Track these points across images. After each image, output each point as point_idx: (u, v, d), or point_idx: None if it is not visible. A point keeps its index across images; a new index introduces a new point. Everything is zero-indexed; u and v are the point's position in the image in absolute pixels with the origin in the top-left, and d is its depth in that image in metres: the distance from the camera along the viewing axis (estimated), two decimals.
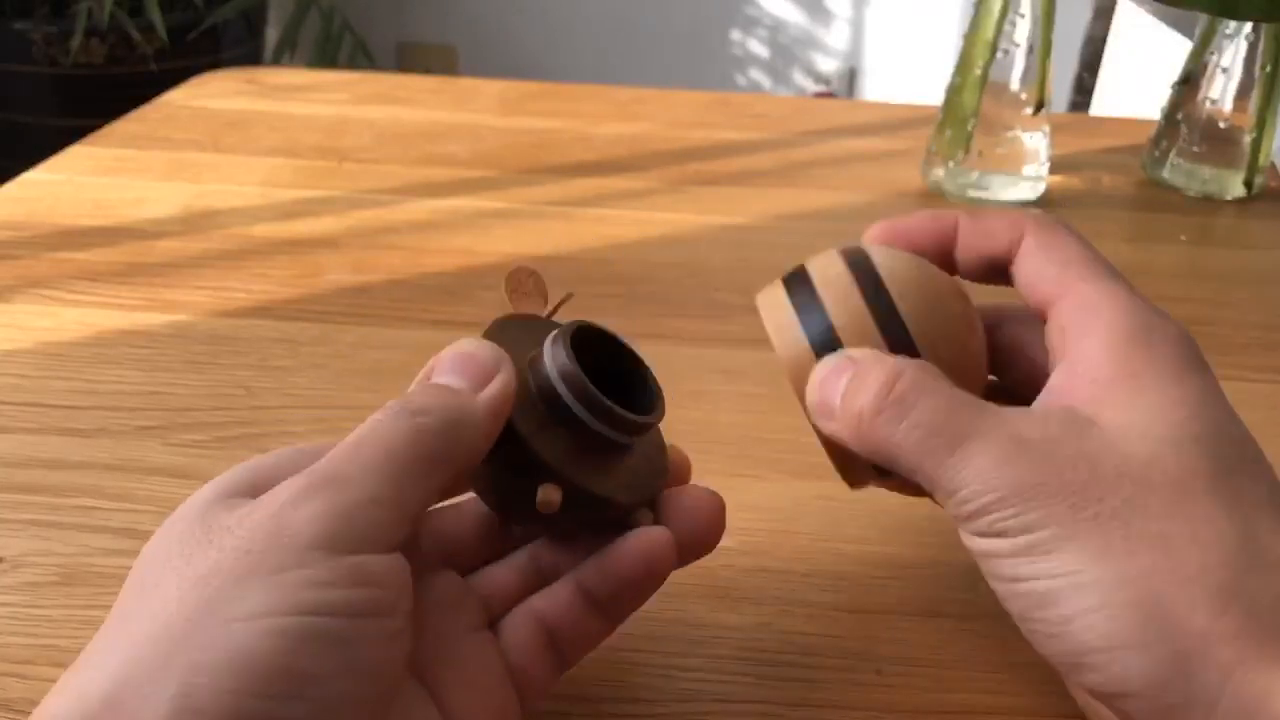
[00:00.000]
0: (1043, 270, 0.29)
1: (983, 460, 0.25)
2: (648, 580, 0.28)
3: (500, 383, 0.26)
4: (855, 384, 0.27)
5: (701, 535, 0.29)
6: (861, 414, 0.27)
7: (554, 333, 0.28)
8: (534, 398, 0.28)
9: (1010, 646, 0.33)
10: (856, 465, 0.30)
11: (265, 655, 0.21)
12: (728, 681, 0.32)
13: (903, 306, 0.29)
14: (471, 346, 0.27)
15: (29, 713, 0.29)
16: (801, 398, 0.29)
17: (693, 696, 0.31)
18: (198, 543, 0.24)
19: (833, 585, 0.36)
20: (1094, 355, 0.27)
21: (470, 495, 0.30)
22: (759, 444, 0.42)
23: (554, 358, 0.28)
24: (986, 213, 0.31)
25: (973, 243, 0.31)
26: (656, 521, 0.28)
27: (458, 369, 0.27)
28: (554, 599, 0.28)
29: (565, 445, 0.28)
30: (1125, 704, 0.24)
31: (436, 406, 0.26)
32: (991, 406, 0.26)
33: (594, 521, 0.28)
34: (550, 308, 0.32)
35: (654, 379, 0.30)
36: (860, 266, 0.30)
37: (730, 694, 0.31)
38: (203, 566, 0.23)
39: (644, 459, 0.30)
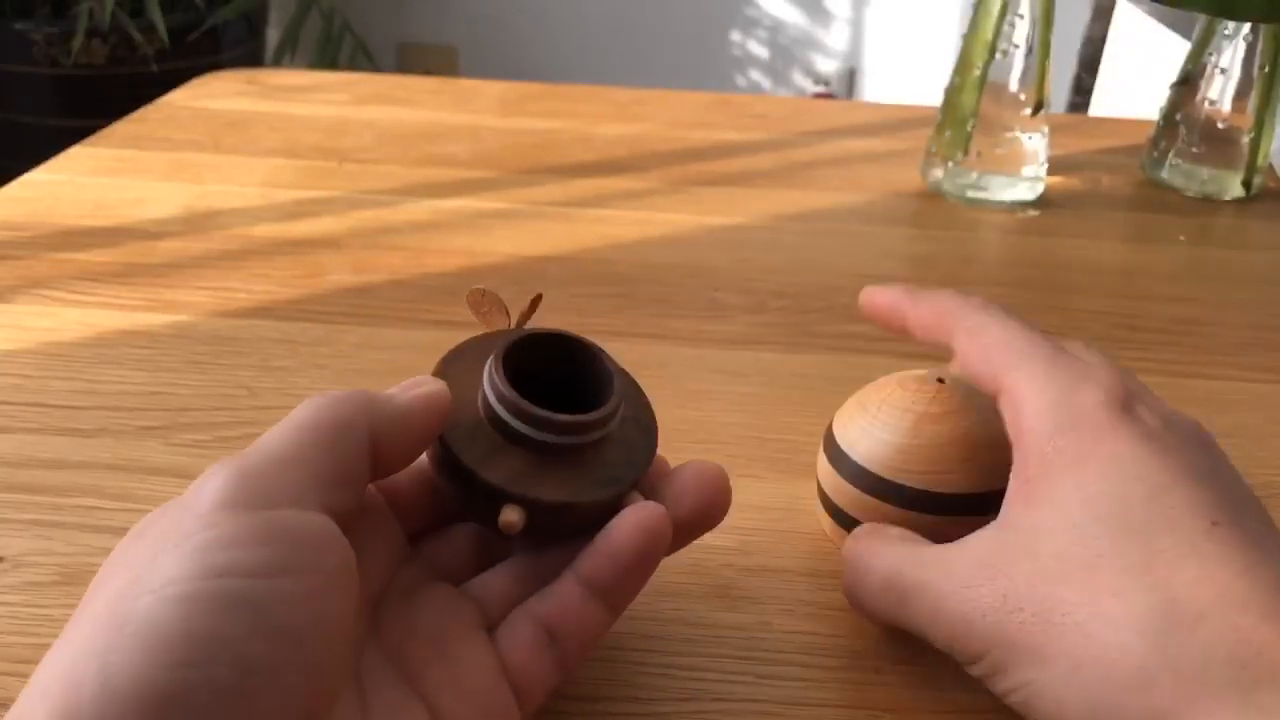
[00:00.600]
0: (976, 369, 0.32)
1: (921, 610, 0.28)
2: (646, 557, 0.28)
3: (426, 386, 0.28)
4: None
5: (706, 507, 0.29)
6: (846, 586, 0.32)
7: (491, 355, 0.29)
8: (481, 420, 0.29)
9: None
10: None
11: (172, 622, 0.21)
12: (728, 681, 0.32)
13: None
14: (411, 379, 0.29)
15: None
16: None
17: (693, 696, 0.31)
18: (133, 538, 0.25)
19: (833, 585, 0.36)
20: (1022, 455, 0.29)
21: (458, 523, 0.31)
22: (759, 444, 0.42)
23: (489, 381, 0.29)
24: (921, 304, 0.34)
25: (921, 336, 0.34)
26: (649, 499, 0.29)
27: (392, 389, 0.28)
28: (553, 594, 0.28)
29: (523, 463, 0.28)
30: None
31: (353, 390, 0.27)
32: (929, 553, 0.29)
33: (579, 525, 0.28)
34: (515, 321, 0.32)
35: (613, 368, 0.30)
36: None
37: (730, 693, 0.31)
38: (131, 555, 0.23)
39: (623, 446, 0.30)
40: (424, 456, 0.29)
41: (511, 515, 0.27)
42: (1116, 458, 0.27)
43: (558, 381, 0.29)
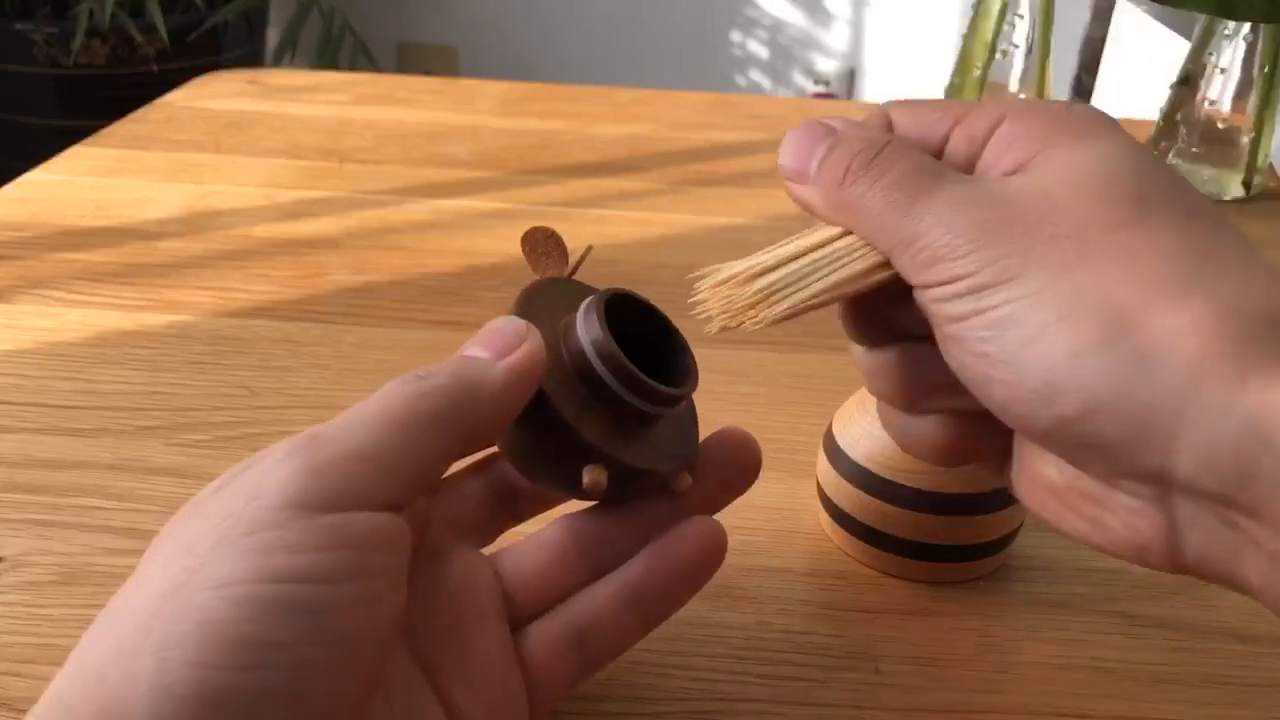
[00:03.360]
0: (923, 119, 0.28)
1: (942, 205, 0.24)
2: (703, 571, 0.28)
3: (524, 351, 0.26)
4: (836, 152, 0.27)
5: (738, 477, 0.30)
6: (836, 178, 0.27)
7: (586, 302, 0.28)
8: (567, 371, 0.27)
9: (1010, 646, 0.33)
10: (864, 315, 0.30)
11: (228, 624, 0.20)
12: (727, 681, 0.32)
13: None
14: (500, 322, 0.27)
15: (30, 711, 0.30)
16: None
17: (693, 696, 0.31)
18: (189, 516, 0.23)
19: (833, 585, 0.36)
20: (1017, 126, 0.26)
21: (469, 469, 0.30)
22: (759, 444, 0.42)
23: (588, 331, 0.27)
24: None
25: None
26: (694, 480, 0.29)
27: (481, 341, 0.26)
28: (591, 598, 0.28)
29: (603, 421, 0.27)
30: (1094, 424, 0.22)
31: (446, 370, 0.25)
32: (957, 172, 0.26)
33: (636, 493, 0.28)
34: (571, 266, 0.31)
35: (686, 344, 0.30)
36: None
37: (730, 693, 0.31)
38: (188, 535, 0.22)
39: (675, 422, 0.29)
40: None
41: (600, 476, 0.26)
42: (1130, 144, 0.25)
43: (622, 346, 0.28)
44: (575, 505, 0.29)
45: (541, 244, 0.31)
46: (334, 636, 0.21)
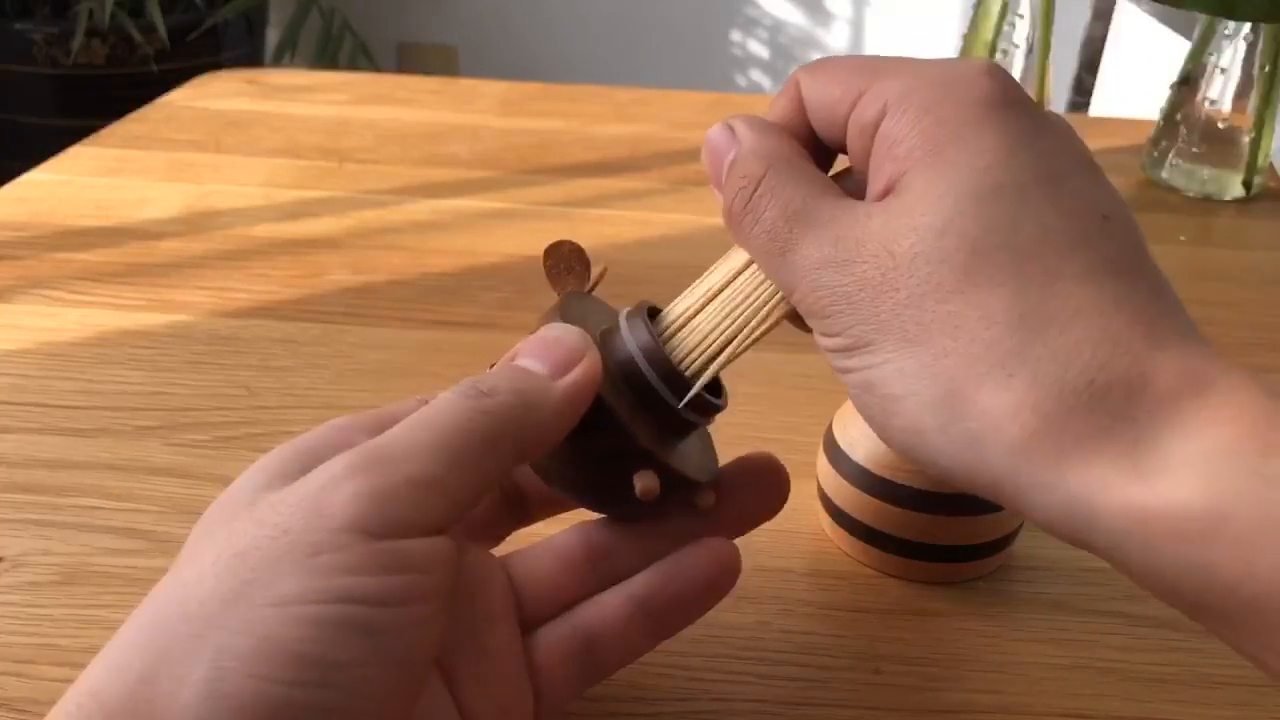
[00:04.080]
0: (825, 93, 0.27)
1: (806, 264, 0.25)
2: (715, 591, 0.28)
3: (583, 369, 0.25)
4: (729, 178, 0.27)
5: (768, 503, 0.30)
6: (729, 209, 0.27)
7: (627, 312, 0.28)
8: (614, 379, 0.27)
9: (1010, 647, 0.33)
10: None
11: (293, 642, 0.21)
12: (727, 681, 0.32)
13: None
14: (558, 331, 0.26)
15: (29, 712, 0.30)
16: None
17: (692, 696, 0.31)
18: (241, 517, 0.23)
19: (833, 585, 0.36)
20: (891, 132, 0.24)
21: None
22: (759, 444, 0.42)
23: (635, 337, 0.27)
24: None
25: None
26: (717, 497, 0.29)
27: (540, 353, 0.26)
28: (601, 607, 0.28)
29: (652, 428, 0.27)
30: (956, 485, 0.23)
31: (506, 387, 0.25)
32: (828, 202, 0.25)
33: (662, 502, 0.28)
34: (590, 284, 0.31)
35: None
36: None
37: (730, 693, 0.31)
38: (241, 542, 0.22)
39: (699, 438, 0.30)
40: None
41: (653, 482, 0.26)
42: (1021, 130, 0.24)
43: None
44: (585, 512, 0.29)
45: (566, 259, 0.30)
46: (394, 658, 0.22)
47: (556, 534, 0.29)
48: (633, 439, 0.26)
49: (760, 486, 0.30)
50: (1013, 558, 0.37)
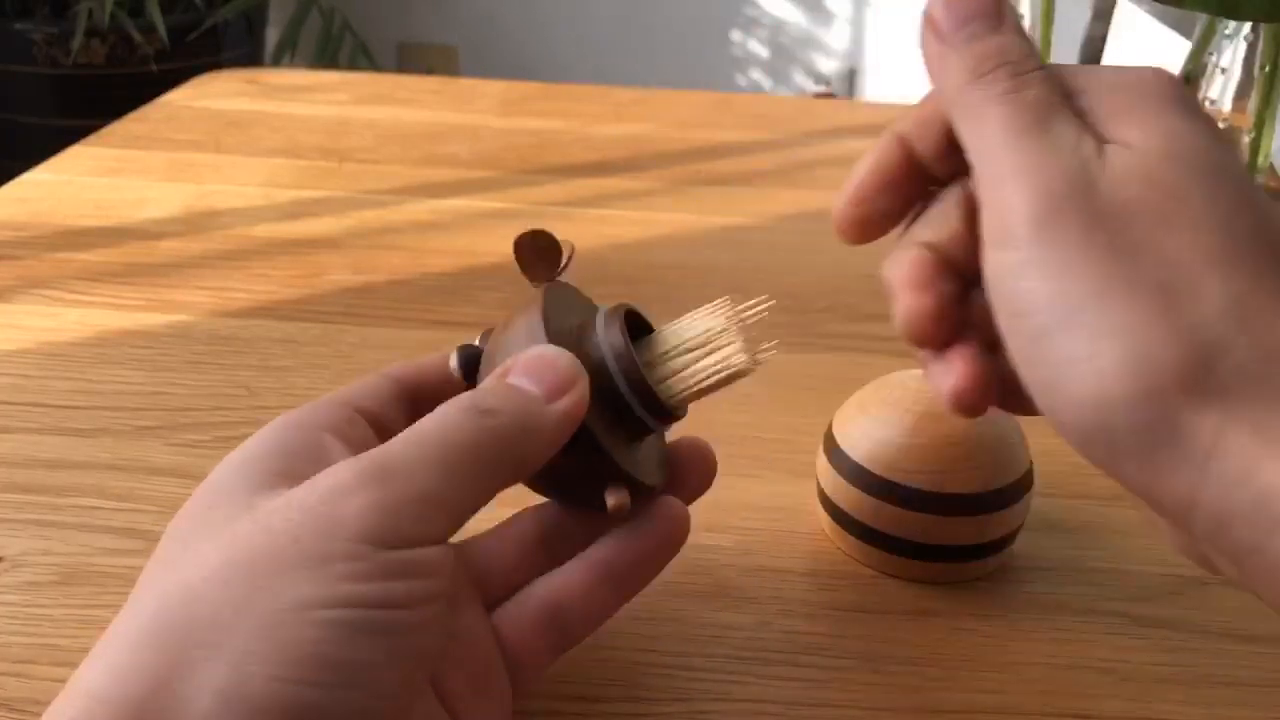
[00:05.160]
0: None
1: (1060, 144, 0.23)
2: (669, 550, 0.29)
3: (575, 395, 0.26)
4: (994, 40, 0.25)
5: (698, 482, 0.31)
6: (977, 68, 0.25)
7: (606, 314, 0.29)
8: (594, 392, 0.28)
9: (1010, 646, 0.33)
10: (875, 214, 0.29)
11: (312, 644, 0.22)
12: (727, 681, 0.32)
13: None
14: (552, 354, 0.27)
15: (29, 712, 0.30)
16: None
17: (692, 696, 0.31)
18: (240, 520, 0.24)
19: (833, 585, 0.36)
20: (1100, 91, 0.24)
21: None
22: (758, 444, 0.42)
23: (609, 340, 0.28)
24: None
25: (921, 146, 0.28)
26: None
27: (534, 373, 0.27)
28: (564, 575, 0.28)
29: (624, 442, 0.28)
30: (1118, 468, 0.22)
31: (508, 410, 0.26)
32: (1079, 121, 0.24)
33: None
34: (561, 266, 0.32)
35: None
36: None
37: (730, 693, 0.31)
38: (251, 550, 0.23)
39: (654, 438, 0.30)
40: None
41: (624, 499, 0.27)
42: (1195, 113, 0.24)
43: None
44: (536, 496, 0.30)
45: (529, 248, 0.31)
46: (410, 656, 0.23)
47: (509, 518, 0.31)
48: (612, 462, 0.27)
49: (687, 467, 0.31)
50: (1013, 558, 0.37)
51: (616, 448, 0.28)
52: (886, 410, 0.35)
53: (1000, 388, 0.26)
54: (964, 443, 0.34)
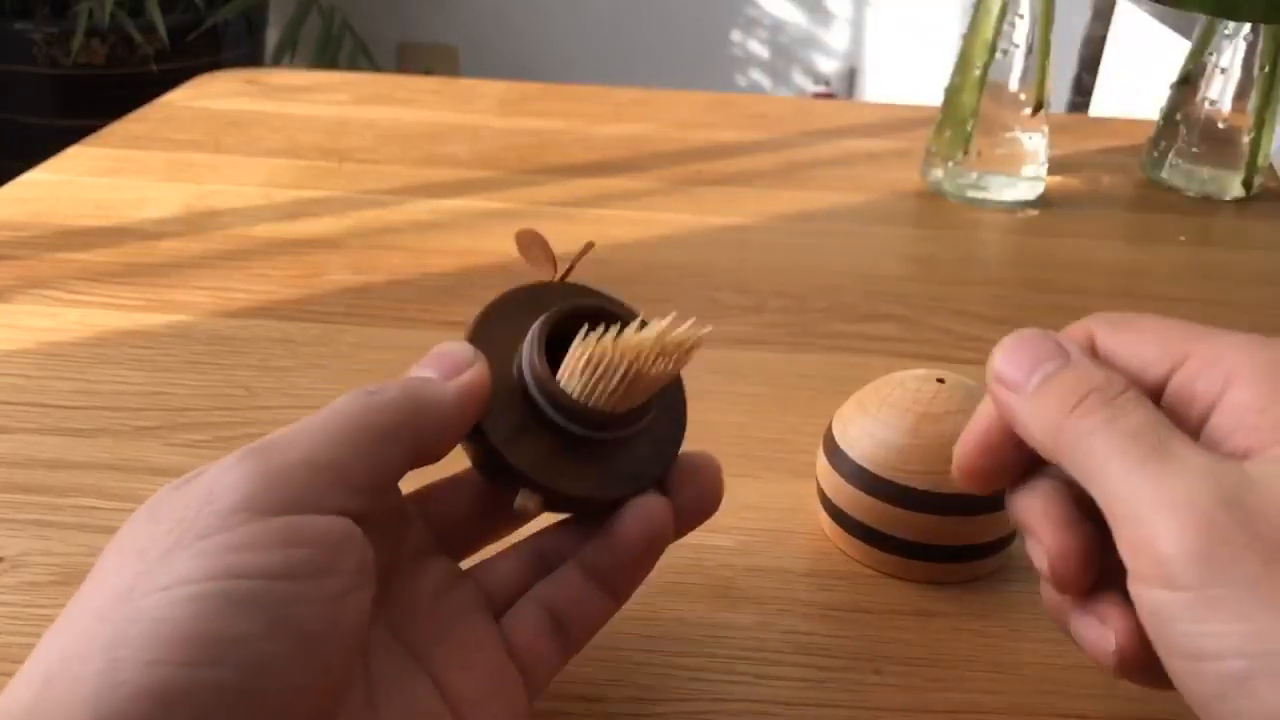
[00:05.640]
0: (1137, 347, 0.26)
1: (1174, 481, 0.22)
2: (649, 551, 0.28)
3: (471, 374, 0.27)
4: (1068, 376, 0.25)
5: (702, 500, 0.29)
6: (1065, 405, 0.25)
7: (534, 325, 0.28)
8: (518, 393, 0.28)
9: (1010, 646, 0.33)
10: (990, 466, 0.28)
11: (184, 622, 0.21)
12: (727, 681, 0.32)
13: None
14: (447, 346, 0.28)
15: None
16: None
17: (692, 696, 0.31)
18: (143, 521, 0.24)
19: (832, 585, 0.36)
20: (1249, 402, 0.24)
21: (464, 469, 0.30)
22: (758, 444, 0.42)
23: (527, 361, 0.28)
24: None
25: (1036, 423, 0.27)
26: (666, 494, 0.29)
27: (430, 364, 0.27)
28: (558, 582, 0.28)
29: (550, 445, 0.27)
30: None
31: (394, 386, 0.26)
32: (1192, 442, 0.24)
33: (597, 514, 0.28)
34: (561, 272, 0.31)
35: None
36: None
37: (729, 693, 0.31)
38: (141, 541, 0.23)
39: (650, 439, 0.29)
40: None
41: (527, 503, 0.27)
42: None
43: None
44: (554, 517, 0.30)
45: (530, 246, 0.31)
46: (291, 632, 0.22)
47: (511, 546, 0.30)
48: (502, 458, 0.27)
49: (694, 486, 0.29)
50: (1013, 558, 0.37)
51: (524, 452, 0.27)
52: (886, 410, 0.35)
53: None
54: None
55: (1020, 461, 0.27)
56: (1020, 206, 0.66)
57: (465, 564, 0.30)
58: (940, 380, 0.36)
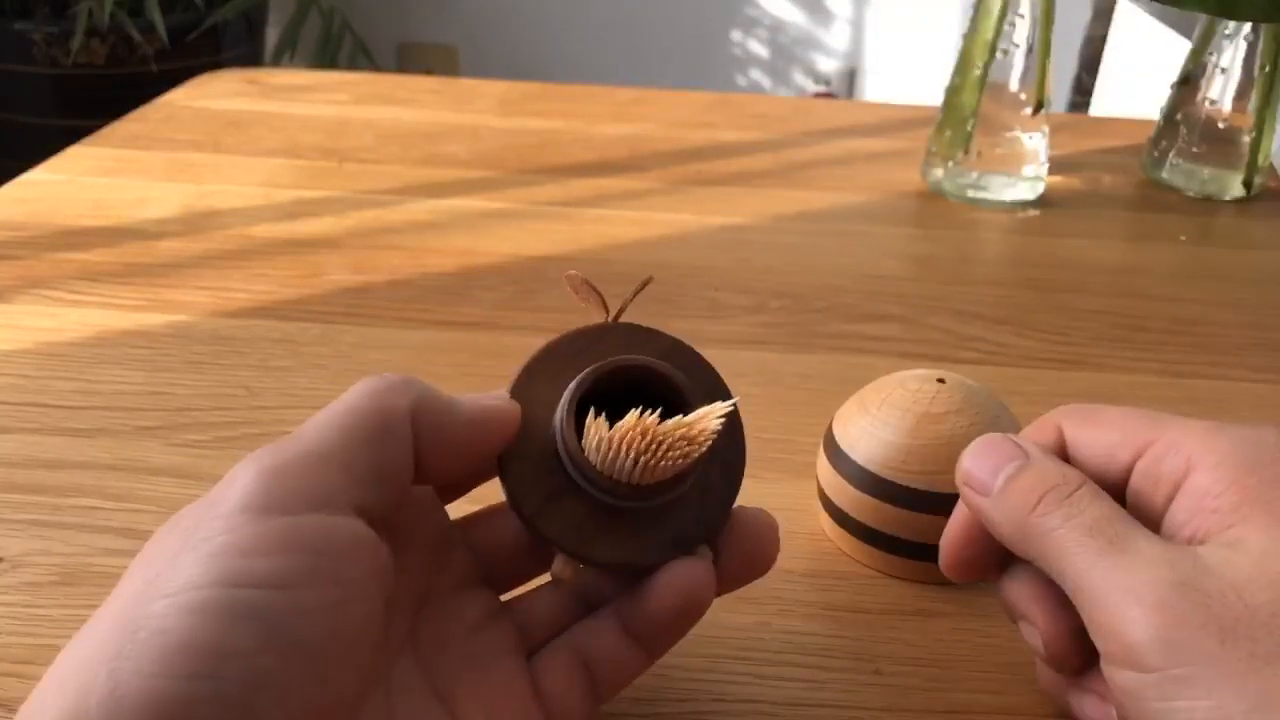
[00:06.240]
0: (1104, 438, 0.28)
1: (1132, 570, 0.24)
2: (685, 616, 0.27)
3: (494, 398, 0.27)
4: (1028, 475, 0.27)
5: (753, 563, 0.28)
6: (1028, 503, 0.27)
7: (570, 387, 0.27)
8: (555, 457, 0.27)
9: (1010, 646, 0.33)
10: (975, 557, 0.30)
11: (182, 632, 0.20)
12: (727, 681, 0.32)
13: None
14: (495, 394, 0.27)
15: None
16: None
17: (692, 696, 0.31)
18: (164, 530, 0.23)
19: (833, 585, 0.36)
20: (1207, 487, 0.25)
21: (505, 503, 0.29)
22: (759, 444, 0.42)
23: (559, 427, 0.26)
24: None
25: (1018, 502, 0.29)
26: (715, 553, 0.28)
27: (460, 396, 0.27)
28: (594, 632, 0.28)
29: (587, 511, 0.26)
30: None
31: (415, 379, 0.26)
32: (1148, 531, 0.25)
33: (638, 577, 0.27)
34: (614, 313, 0.29)
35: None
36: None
37: (729, 693, 0.31)
38: (158, 547, 0.22)
39: (698, 496, 0.27)
40: None
41: (564, 571, 0.26)
42: None
43: (645, 401, 0.26)
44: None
45: (580, 289, 0.29)
46: (288, 644, 0.21)
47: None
48: (534, 529, 0.26)
49: (748, 544, 0.28)
50: None
51: (557, 518, 0.26)
52: (886, 410, 0.35)
53: None
54: (964, 443, 0.34)
55: (1003, 550, 0.28)
56: (1020, 206, 0.66)
57: (507, 596, 0.29)
58: (940, 380, 0.36)
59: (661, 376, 0.27)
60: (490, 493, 0.29)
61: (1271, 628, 0.22)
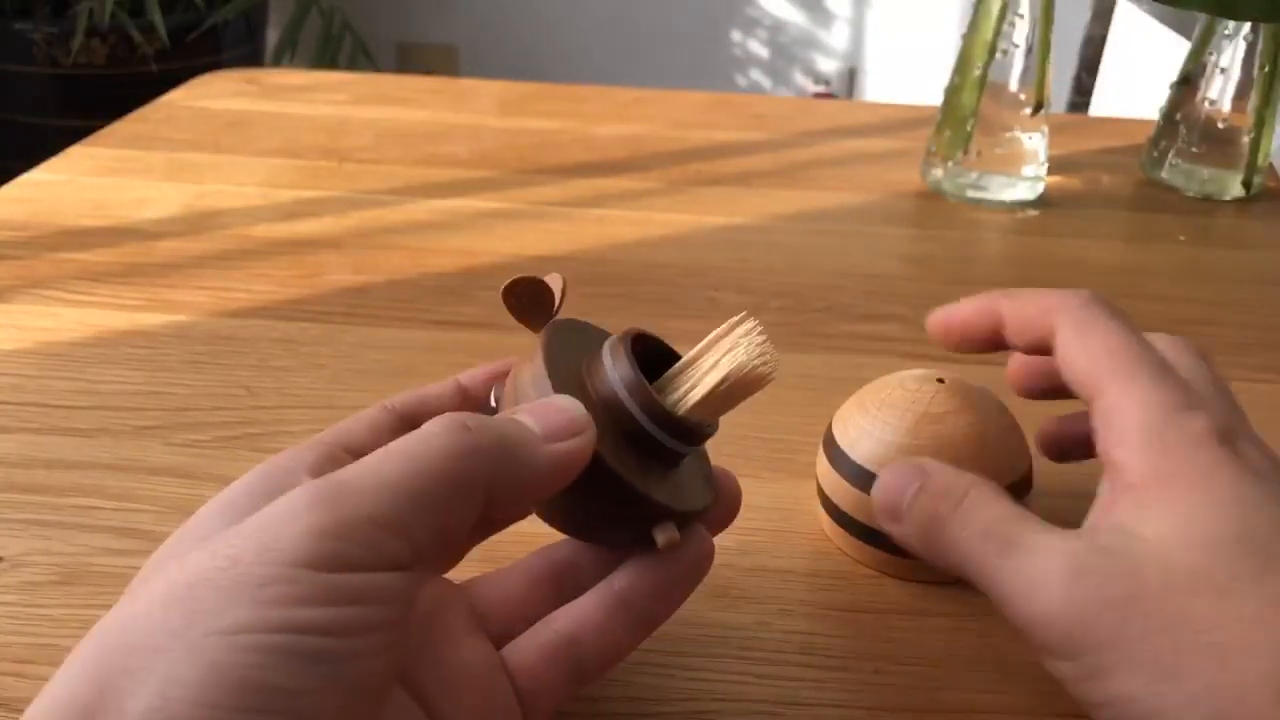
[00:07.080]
0: (1076, 365, 0.29)
1: (1031, 564, 0.26)
2: (690, 580, 0.28)
3: (577, 442, 0.25)
4: (923, 496, 0.28)
5: (732, 511, 0.30)
6: (928, 524, 0.28)
7: (610, 342, 0.27)
8: (595, 409, 0.27)
9: (1009, 646, 0.33)
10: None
11: (241, 670, 0.21)
12: (727, 681, 0.32)
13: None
14: (562, 402, 0.26)
15: None
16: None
17: (692, 695, 0.31)
18: (194, 550, 0.23)
19: (832, 585, 0.36)
20: (1123, 463, 0.27)
21: None
22: (759, 444, 0.42)
23: (617, 369, 0.27)
24: (1022, 298, 0.31)
25: (1018, 336, 0.31)
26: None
27: (539, 415, 0.26)
28: (581, 607, 0.28)
29: (651, 468, 0.27)
30: None
31: (494, 427, 0.25)
32: (1043, 523, 0.27)
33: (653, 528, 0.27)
34: (557, 304, 0.30)
35: None
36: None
37: (729, 693, 0.31)
38: (191, 574, 0.22)
39: (693, 456, 0.29)
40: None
41: (674, 534, 0.26)
42: (1244, 480, 0.26)
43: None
44: (552, 535, 0.29)
45: (523, 297, 0.30)
46: (346, 686, 0.22)
47: (521, 558, 0.30)
48: (652, 503, 0.26)
49: (728, 495, 0.30)
50: None
51: (652, 483, 0.26)
52: (886, 410, 0.35)
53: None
54: (963, 443, 0.34)
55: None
56: (1020, 206, 0.66)
57: (464, 578, 0.30)
58: (940, 380, 0.36)
59: (664, 347, 0.29)
60: None
61: (1165, 600, 0.24)
